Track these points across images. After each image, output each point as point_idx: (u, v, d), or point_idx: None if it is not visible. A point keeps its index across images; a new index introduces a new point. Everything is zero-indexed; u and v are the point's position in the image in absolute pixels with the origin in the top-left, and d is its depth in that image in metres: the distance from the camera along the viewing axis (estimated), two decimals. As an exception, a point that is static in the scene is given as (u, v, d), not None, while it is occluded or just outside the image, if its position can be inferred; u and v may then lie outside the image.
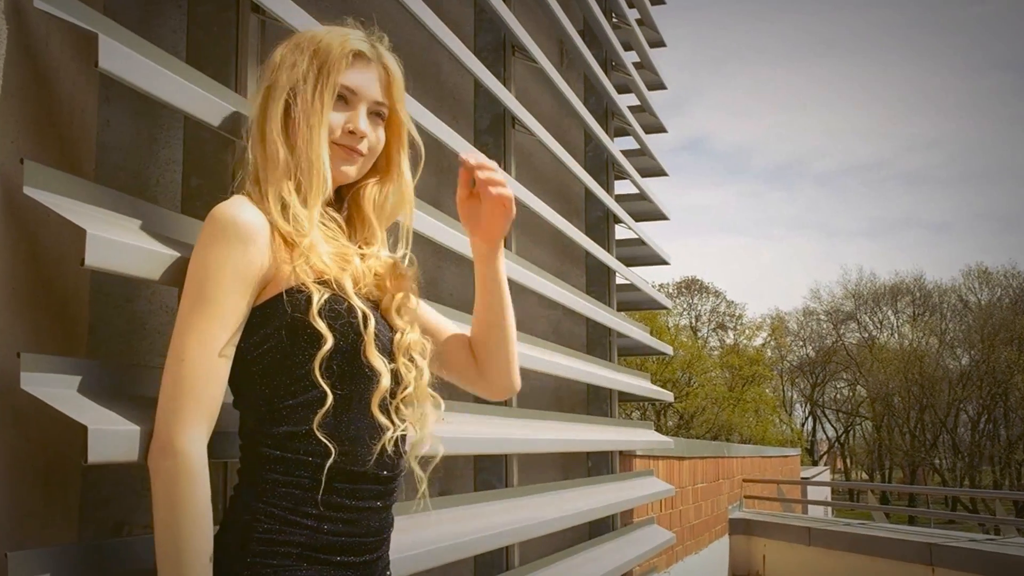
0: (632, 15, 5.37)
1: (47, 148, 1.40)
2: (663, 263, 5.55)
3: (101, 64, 1.29)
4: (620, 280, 4.87)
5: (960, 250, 65.58)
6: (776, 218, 73.93)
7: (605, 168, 4.88)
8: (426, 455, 1.39)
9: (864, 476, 39.56)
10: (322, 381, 1.23)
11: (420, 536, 2.02)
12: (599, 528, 4.19)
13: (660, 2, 6.17)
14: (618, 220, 4.81)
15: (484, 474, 3.03)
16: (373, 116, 1.39)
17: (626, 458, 4.90)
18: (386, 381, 1.28)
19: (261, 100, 1.35)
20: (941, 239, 68.75)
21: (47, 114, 1.41)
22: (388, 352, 1.33)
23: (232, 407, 1.31)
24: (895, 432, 36.24)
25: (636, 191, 5.26)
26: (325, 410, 1.23)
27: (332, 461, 1.23)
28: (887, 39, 69.88)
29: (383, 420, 1.28)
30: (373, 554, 1.32)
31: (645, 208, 5.51)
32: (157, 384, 1.21)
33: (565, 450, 3.82)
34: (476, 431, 2.47)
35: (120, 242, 1.24)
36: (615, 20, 5.17)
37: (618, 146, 5.09)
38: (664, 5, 6.28)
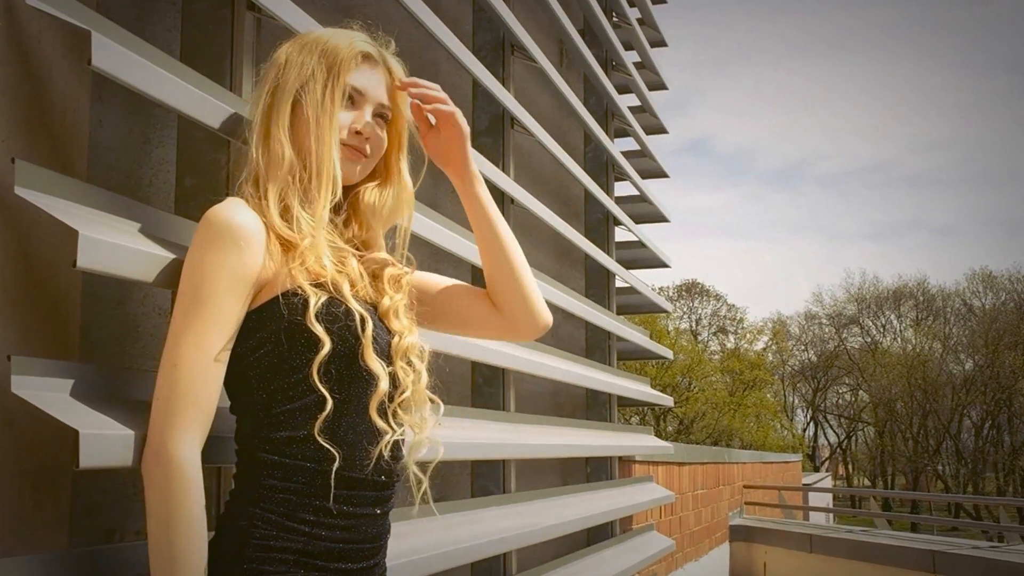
0: (633, 14, 5.37)
1: (39, 147, 1.39)
2: (663, 266, 5.55)
3: (94, 62, 1.28)
4: (620, 283, 4.87)
5: (964, 253, 65.72)
6: (778, 221, 74.11)
7: (605, 169, 4.87)
8: (424, 459, 1.38)
9: (866, 482, 39.57)
10: (321, 386, 1.22)
11: (417, 542, 2.02)
12: (598, 535, 4.19)
13: (661, 1, 6.18)
14: (618, 222, 4.80)
15: (481, 480, 3.02)
16: (376, 118, 1.39)
17: (625, 464, 4.90)
18: (384, 385, 1.27)
19: (266, 100, 1.34)
20: (945, 242, 68.89)
21: (39, 113, 1.40)
22: (386, 355, 1.32)
23: (228, 412, 1.30)
24: (898, 438, 36.20)
25: (636, 193, 5.26)
26: (325, 415, 1.22)
27: (332, 466, 1.22)
28: (891, 39, 70.16)
29: (381, 424, 1.27)
30: (370, 561, 1.31)
31: (645, 210, 5.50)
32: (150, 388, 1.20)
33: (563, 455, 3.81)
34: (473, 436, 2.47)
35: (113, 243, 1.23)
36: (616, 19, 5.16)
37: (618, 147, 5.09)
38: (665, 4, 6.28)
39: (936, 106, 70.43)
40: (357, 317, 1.26)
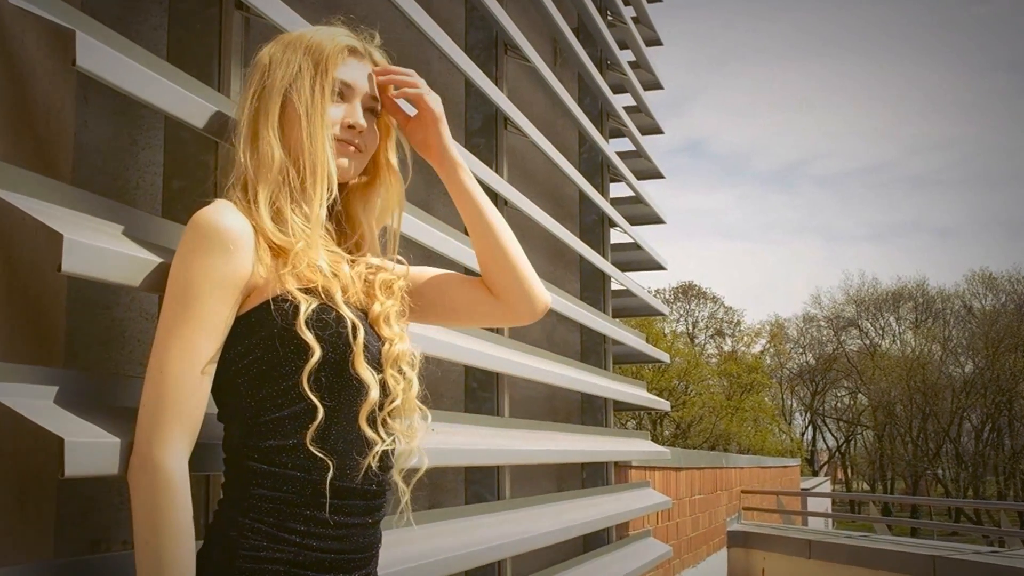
0: (628, 13, 5.36)
1: (22, 149, 1.38)
2: (659, 268, 5.53)
3: (79, 62, 1.26)
4: (615, 286, 4.85)
5: (964, 255, 65.81)
6: (776, 222, 74.19)
7: (600, 170, 4.86)
8: (412, 468, 1.37)
9: (865, 487, 39.58)
10: (311, 394, 1.20)
11: (409, 551, 2.01)
12: (594, 541, 4.18)
13: (657, -1, 6.16)
14: (613, 224, 4.79)
15: (475, 486, 3.00)
16: (367, 113, 1.37)
17: (621, 469, 4.88)
18: (375, 395, 1.26)
19: (253, 103, 1.32)
20: (945, 243, 69.01)
21: (22, 114, 1.38)
22: (376, 362, 1.30)
23: (216, 419, 1.28)
24: (897, 442, 36.22)
25: (632, 194, 5.24)
26: (317, 424, 1.21)
27: (323, 475, 1.21)
28: (890, 39, 70.32)
29: (370, 434, 1.26)
30: (362, 571, 1.29)
31: (641, 211, 5.49)
32: (137, 395, 1.19)
33: (559, 461, 3.81)
34: (467, 442, 2.45)
35: (98, 247, 1.21)
36: (610, 18, 5.15)
37: (613, 148, 5.08)
38: (661, 2, 6.28)
39: (936, 106, 70.63)
40: (349, 324, 1.25)
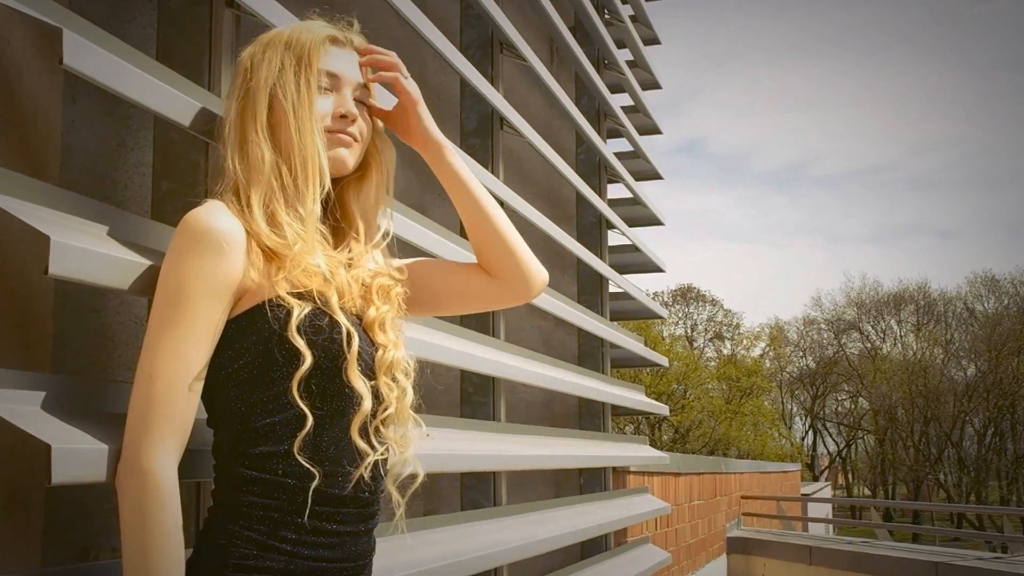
0: (626, 11, 5.36)
1: (8, 150, 1.37)
2: (658, 270, 5.52)
3: (66, 61, 1.24)
4: (613, 288, 4.84)
5: (966, 257, 65.82)
6: (776, 223, 74.18)
7: (597, 171, 4.85)
8: (407, 475, 1.36)
9: (867, 492, 39.62)
10: (300, 401, 1.19)
11: (404, 559, 1.99)
12: (592, 548, 4.17)
13: (654, -3, 6.15)
14: (611, 225, 4.77)
15: (471, 492, 2.98)
16: (357, 103, 1.36)
17: (620, 475, 4.86)
18: (367, 404, 1.24)
19: (238, 105, 1.31)
20: (947, 245, 68.98)
21: (8, 114, 1.38)
22: (369, 369, 1.28)
23: (206, 425, 1.27)
24: (899, 446, 36.21)
25: (630, 195, 5.23)
26: (306, 432, 1.19)
27: (313, 483, 1.19)
28: (890, 38, 70.38)
29: (362, 444, 1.24)
30: (354, 580, 1.27)
31: (639, 213, 5.48)
32: (126, 400, 1.17)
33: (556, 466, 3.80)
34: (462, 447, 2.44)
35: (86, 249, 1.20)
36: (608, 16, 5.14)
37: (611, 148, 5.06)
38: (659, 1, 6.26)
39: (938, 106, 70.64)
40: (344, 331, 1.23)
